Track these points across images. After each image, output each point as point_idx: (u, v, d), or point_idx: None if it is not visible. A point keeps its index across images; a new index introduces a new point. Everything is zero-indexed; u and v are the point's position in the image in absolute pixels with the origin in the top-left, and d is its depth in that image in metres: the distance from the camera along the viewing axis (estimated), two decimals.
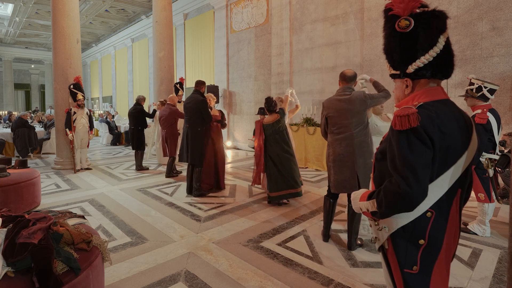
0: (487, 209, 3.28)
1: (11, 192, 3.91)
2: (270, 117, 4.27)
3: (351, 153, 2.88)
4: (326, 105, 3.03)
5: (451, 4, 5.42)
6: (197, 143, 4.73)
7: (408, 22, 1.17)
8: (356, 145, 2.89)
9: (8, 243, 1.60)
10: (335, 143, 2.97)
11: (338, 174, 2.95)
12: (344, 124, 2.91)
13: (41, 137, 9.27)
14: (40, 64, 24.01)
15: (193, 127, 4.73)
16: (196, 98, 4.76)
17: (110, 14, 14.20)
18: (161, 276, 2.54)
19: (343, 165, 2.92)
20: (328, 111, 2.99)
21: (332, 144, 3.00)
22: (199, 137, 4.74)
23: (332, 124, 2.99)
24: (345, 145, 2.91)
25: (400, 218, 1.19)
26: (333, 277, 2.51)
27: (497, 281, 2.46)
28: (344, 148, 2.91)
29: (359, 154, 2.89)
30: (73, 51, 6.93)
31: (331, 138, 3.02)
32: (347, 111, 2.89)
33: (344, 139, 2.91)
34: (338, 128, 2.95)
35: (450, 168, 1.15)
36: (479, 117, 3.13)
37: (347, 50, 7.03)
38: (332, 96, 3.05)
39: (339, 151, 2.94)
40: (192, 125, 4.75)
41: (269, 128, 4.24)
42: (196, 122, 4.72)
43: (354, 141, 2.89)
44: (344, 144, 2.91)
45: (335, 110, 2.95)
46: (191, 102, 4.80)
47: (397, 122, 1.12)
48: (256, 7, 9.23)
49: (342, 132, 2.92)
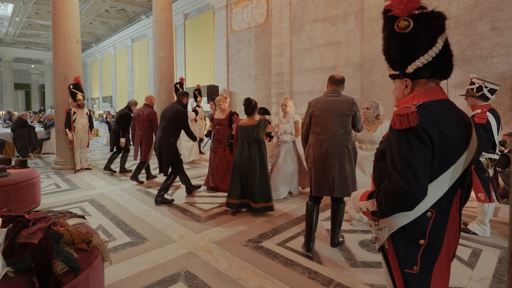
0: (487, 209, 3.28)
1: (11, 192, 3.91)
2: (248, 120, 3.97)
3: (331, 155, 2.83)
4: (312, 104, 2.99)
5: (451, 4, 5.42)
6: (170, 153, 4.53)
7: (407, 23, 1.18)
8: (336, 148, 2.84)
9: (8, 243, 1.60)
10: (315, 144, 2.90)
11: (317, 176, 2.89)
12: (328, 125, 2.86)
13: (41, 137, 9.27)
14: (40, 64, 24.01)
15: (166, 137, 4.53)
16: (176, 109, 4.62)
17: (110, 14, 14.20)
18: (161, 276, 2.53)
19: (322, 166, 2.86)
20: (314, 110, 2.94)
21: (313, 145, 2.92)
22: (171, 147, 4.54)
23: (315, 124, 2.93)
24: (326, 147, 2.85)
25: (400, 218, 1.19)
26: (333, 277, 2.51)
27: (497, 281, 2.46)
28: (324, 150, 2.86)
29: (338, 158, 2.84)
30: (73, 51, 6.93)
31: (312, 138, 2.95)
32: (333, 110, 2.86)
33: (326, 140, 2.86)
34: (321, 128, 2.89)
35: (450, 168, 1.15)
36: (479, 117, 3.13)
37: (347, 50, 7.03)
38: (321, 96, 3.02)
39: (318, 152, 2.87)
40: (164, 135, 4.54)
41: (242, 130, 3.94)
42: (170, 132, 4.54)
43: (335, 144, 2.85)
44: (325, 145, 2.86)
45: (321, 109, 2.91)
46: (170, 112, 4.62)
47: (397, 122, 1.12)
48: (256, 7, 9.23)
49: (325, 132, 2.87)
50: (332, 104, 2.89)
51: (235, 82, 10.15)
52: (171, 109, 4.67)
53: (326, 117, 2.88)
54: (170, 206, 4.36)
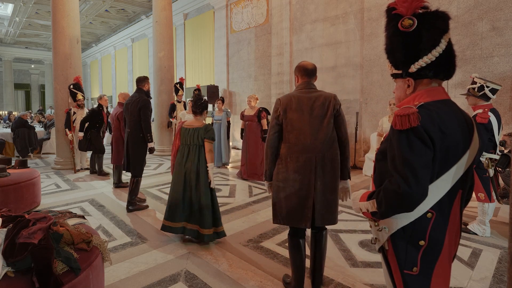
0: (487, 209, 3.28)
1: (11, 192, 3.91)
2: (194, 121, 3.21)
3: (310, 171, 2.13)
4: (283, 103, 2.21)
5: (451, 4, 5.42)
6: (137, 152, 4.13)
7: (412, 22, 1.18)
8: (319, 161, 2.14)
9: (8, 243, 1.60)
10: (290, 157, 2.17)
11: (290, 200, 2.17)
12: (305, 131, 2.15)
13: (41, 137, 9.27)
14: (40, 64, 24.00)
15: (134, 133, 4.11)
16: (136, 98, 4.13)
17: (110, 14, 14.20)
18: (161, 276, 2.53)
19: (297, 187, 2.14)
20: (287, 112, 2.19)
21: (286, 159, 2.18)
22: (140, 144, 4.12)
23: (289, 130, 2.18)
24: (304, 160, 2.14)
25: (400, 218, 1.19)
26: (333, 277, 2.51)
27: (497, 281, 2.46)
28: (301, 164, 2.14)
29: (320, 175, 2.13)
30: (73, 51, 6.93)
31: (284, 149, 2.20)
32: (312, 111, 2.17)
33: (303, 152, 2.14)
34: (297, 136, 2.16)
35: (451, 169, 1.15)
36: (481, 116, 3.13)
37: (347, 50, 7.03)
38: (292, 92, 2.28)
39: (294, 167, 2.15)
40: (132, 131, 4.12)
41: (185, 133, 3.16)
42: (137, 126, 4.09)
43: (315, 156, 2.14)
44: (303, 158, 2.14)
45: (295, 110, 2.18)
46: (131, 104, 4.13)
47: (397, 122, 1.12)
48: (256, 7, 9.23)
49: (301, 141, 2.15)
50: (309, 103, 2.18)
51: (235, 82, 10.14)
52: (131, 100, 4.18)
53: (302, 120, 2.16)
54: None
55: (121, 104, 5.22)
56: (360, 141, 6.84)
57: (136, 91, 4.30)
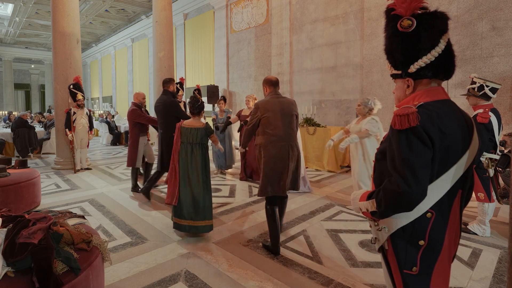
0: (487, 209, 3.28)
1: (11, 192, 3.91)
2: (193, 121, 3.42)
3: (286, 155, 2.91)
4: (262, 106, 2.97)
5: (451, 4, 5.42)
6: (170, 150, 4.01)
7: (411, 22, 1.18)
8: (290, 148, 2.93)
9: (8, 243, 1.60)
10: (270, 145, 2.90)
11: (272, 176, 2.89)
12: (279, 126, 2.92)
13: (41, 137, 9.27)
14: (40, 64, 24.01)
15: (166, 133, 4.32)
16: (164, 101, 4.39)
17: (110, 14, 14.20)
18: (161, 276, 2.53)
19: (277, 166, 2.89)
20: (265, 112, 2.94)
21: (266, 146, 2.92)
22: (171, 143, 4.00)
23: (267, 125, 2.93)
24: (280, 147, 2.90)
25: (399, 218, 1.19)
26: (333, 277, 2.51)
27: (497, 281, 2.46)
28: (279, 150, 2.90)
29: (292, 158, 2.94)
30: (73, 51, 6.93)
31: (264, 139, 2.94)
32: (282, 111, 2.95)
33: (279, 141, 2.90)
34: (273, 130, 2.91)
35: (451, 169, 1.15)
36: (481, 116, 3.13)
37: (347, 50, 7.03)
38: (266, 99, 3.05)
39: (274, 153, 2.89)
40: (165, 130, 4.35)
41: (186, 132, 3.35)
42: (168, 127, 4.28)
43: (288, 144, 2.93)
44: (279, 145, 2.90)
45: (271, 111, 2.93)
46: (160, 106, 4.41)
47: (397, 122, 1.12)
48: (256, 7, 9.23)
49: (277, 133, 2.91)
50: (280, 105, 2.98)
51: (235, 82, 10.14)
52: (160, 102, 4.44)
53: (276, 118, 2.93)
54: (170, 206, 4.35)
55: (135, 104, 5.02)
56: None
57: (162, 93, 4.54)
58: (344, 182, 5.62)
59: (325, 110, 7.57)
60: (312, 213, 4.04)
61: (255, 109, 3.02)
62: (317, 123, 6.97)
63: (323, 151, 6.56)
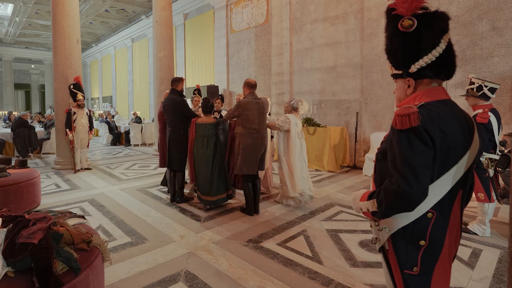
0: (487, 209, 3.27)
1: (11, 192, 3.91)
2: (206, 118, 4.18)
3: (260, 143, 3.90)
4: (243, 105, 3.84)
5: (451, 4, 5.42)
6: (177, 147, 4.41)
7: (412, 22, 1.18)
8: (262, 138, 3.93)
9: (8, 243, 1.60)
10: (248, 135, 3.84)
11: (249, 159, 3.84)
12: (256, 121, 3.85)
13: (41, 137, 9.27)
14: (40, 64, 24.00)
15: (174, 131, 4.42)
16: (173, 100, 4.45)
17: (110, 14, 14.20)
18: (161, 276, 2.53)
19: (254, 151, 3.86)
20: (246, 110, 3.83)
21: (245, 136, 3.85)
22: (180, 140, 4.40)
23: (246, 120, 3.83)
24: (256, 137, 3.87)
25: (400, 218, 1.19)
26: (333, 277, 2.51)
27: (497, 281, 2.46)
28: (255, 139, 3.86)
29: (263, 145, 3.96)
30: (73, 51, 6.93)
31: (243, 131, 3.85)
32: (259, 110, 3.88)
33: (256, 133, 3.87)
34: (252, 123, 3.84)
35: (452, 169, 1.15)
36: (481, 116, 3.13)
37: (347, 50, 7.03)
38: (248, 99, 3.89)
39: (251, 142, 3.84)
40: (174, 129, 4.43)
41: (201, 128, 4.12)
42: (177, 125, 4.41)
43: (261, 135, 3.93)
44: (256, 136, 3.87)
45: (251, 110, 3.84)
46: (169, 105, 4.46)
47: (398, 122, 1.12)
48: (256, 7, 9.23)
49: (255, 127, 3.85)
50: (257, 105, 3.89)
51: (235, 82, 10.14)
52: (168, 101, 4.49)
53: (254, 116, 3.86)
54: (170, 206, 4.36)
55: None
56: (360, 141, 6.84)
57: (170, 92, 4.63)
58: (344, 182, 5.62)
59: (325, 110, 7.57)
60: (312, 213, 4.04)
61: (238, 105, 3.90)
62: (317, 123, 6.97)
63: (324, 151, 6.56)
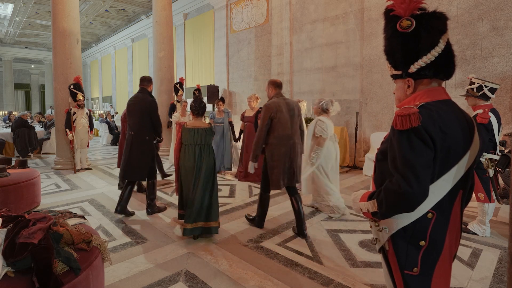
0: (487, 209, 3.28)
1: (11, 192, 3.91)
2: (197, 122, 3.28)
3: (294, 151, 3.22)
4: (273, 106, 3.17)
5: (451, 4, 5.42)
6: (145, 155, 3.91)
7: (410, 22, 1.18)
8: (298, 145, 3.27)
9: (8, 243, 1.60)
10: (280, 145, 3.16)
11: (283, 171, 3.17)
12: (288, 126, 3.20)
13: (41, 137, 9.27)
14: (40, 64, 24.00)
15: (139, 135, 3.90)
16: (142, 99, 3.94)
17: (110, 14, 14.20)
18: (161, 276, 2.53)
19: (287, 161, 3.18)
20: (277, 112, 3.15)
21: (277, 145, 3.16)
22: (146, 147, 3.92)
23: (278, 124, 3.15)
24: (291, 144, 3.19)
25: (400, 219, 1.19)
26: (333, 277, 2.51)
27: (497, 281, 2.46)
28: (289, 147, 3.18)
29: (297, 153, 3.26)
30: (73, 51, 6.92)
31: (274, 140, 3.17)
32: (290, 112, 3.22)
33: (289, 138, 3.19)
34: (284, 128, 3.17)
35: (452, 169, 1.15)
36: (481, 116, 3.13)
37: (347, 50, 7.03)
38: (274, 100, 3.24)
39: (284, 150, 3.17)
40: (137, 133, 3.90)
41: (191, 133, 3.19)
42: (142, 129, 3.90)
43: (296, 142, 3.26)
44: (290, 143, 3.19)
45: (282, 112, 3.17)
46: (136, 104, 3.93)
47: (398, 122, 1.12)
48: (256, 7, 9.23)
49: (286, 132, 3.18)
50: (287, 106, 3.23)
51: (235, 82, 10.14)
52: (136, 100, 3.97)
53: (286, 118, 3.18)
54: (170, 206, 4.35)
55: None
56: (360, 141, 6.84)
57: (139, 91, 4.08)
58: (344, 182, 5.62)
59: None
60: (312, 213, 4.04)
61: (267, 109, 3.18)
62: None
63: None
